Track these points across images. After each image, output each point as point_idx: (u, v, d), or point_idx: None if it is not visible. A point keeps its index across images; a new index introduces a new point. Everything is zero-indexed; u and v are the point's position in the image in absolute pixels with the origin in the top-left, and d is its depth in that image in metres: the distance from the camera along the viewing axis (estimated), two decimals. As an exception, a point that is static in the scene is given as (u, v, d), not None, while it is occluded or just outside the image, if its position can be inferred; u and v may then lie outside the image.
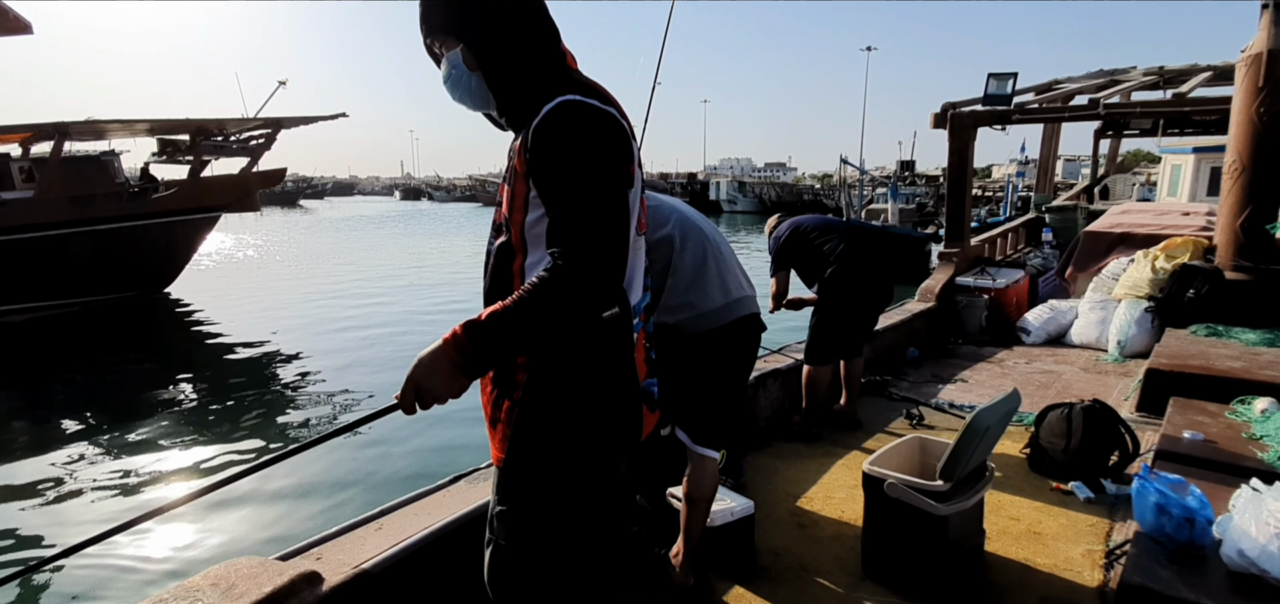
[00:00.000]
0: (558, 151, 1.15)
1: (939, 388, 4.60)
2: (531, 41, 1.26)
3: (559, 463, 1.29)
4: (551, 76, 1.25)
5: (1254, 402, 2.95)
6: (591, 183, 1.14)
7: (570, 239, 1.12)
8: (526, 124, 1.21)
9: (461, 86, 1.29)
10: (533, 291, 1.11)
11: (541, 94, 1.21)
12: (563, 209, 1.14)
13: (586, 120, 1.17)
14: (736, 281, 2.26)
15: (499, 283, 1.30)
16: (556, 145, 1.15)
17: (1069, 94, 7.37)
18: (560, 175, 1.15)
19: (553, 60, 1.28)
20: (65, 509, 5.79)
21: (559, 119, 1.16)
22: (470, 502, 2.28)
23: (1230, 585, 1.72)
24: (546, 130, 1.16)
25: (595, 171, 1.15)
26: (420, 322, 12.72)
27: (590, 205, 1.13)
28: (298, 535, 2.93)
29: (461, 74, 1.27)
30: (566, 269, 1.11)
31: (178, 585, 1.56)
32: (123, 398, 8.92)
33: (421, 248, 27.83)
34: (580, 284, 1.11)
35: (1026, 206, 16.51)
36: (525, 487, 1.31)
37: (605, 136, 1.18)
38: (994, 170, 55.66)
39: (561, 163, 1.15)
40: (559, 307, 1.11)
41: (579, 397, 1.26)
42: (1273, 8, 4.65)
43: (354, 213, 59.85)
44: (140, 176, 17.49)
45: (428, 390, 1.16)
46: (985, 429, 2.13)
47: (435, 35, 1.28)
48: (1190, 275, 5.07)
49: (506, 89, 1.27)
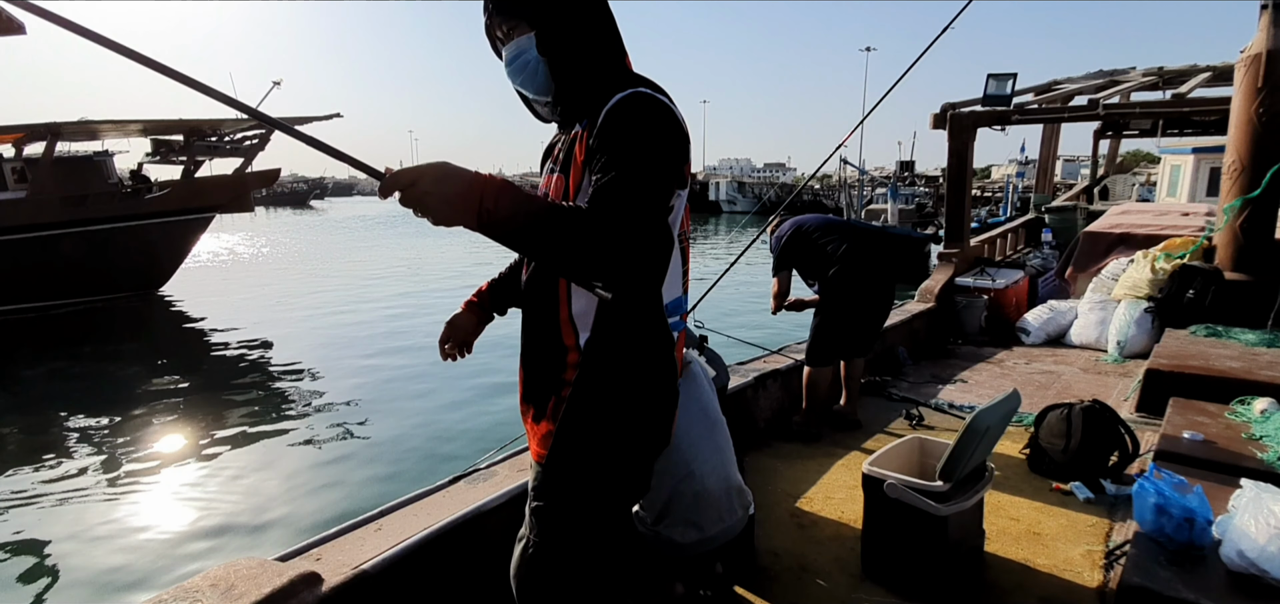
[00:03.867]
0: (624, 134, 1.16)
1: (939, 388, 4.60)
2: (601, 36, 1.28)
3: (604, 462, 1.30)
4: (617, 71, 1.28)
5: (1253, 402, 2.94)
6: (646, 170, 1.14)
7: (611, 205, 1.10)
8: (588, 115, 1.23)
9: (526, 72, 1.28)
10: (567, 217, 1.07)
11: (607, 87, 1.23)
12: (613, 181, 1.11)
13: (657, 113, 1.19)
14: None
15: (542, 276, 1.31)
16: (624, 128, 1.16)
17: (1068, 94, 7.36)
18: (620, 154, 1.14)
19: (618, 56, 1.31)
20: (62, 508, 5.78)
21: (632, 106, 1.18)
22: (470, 502, 2.28)
23: (1230, 586, 1.72)
24: (618, 115, 1.17)
25: (653, 161, 1.15)
26: (422, 322, 12.72)
27: (639, 189, 1.12)
28: (297, 537, 2.93)
29: (529, 59, 1.27)
30: (600, 221, 1.08)
31: (177, 586, 1.56)
32: (117, 398, 8.91)
33: (422, 247, 27.83)
34: (605, 244, 1.07)
35: (1026, 207, 16.52)
36: (567, 484, 1.31)
37: (671, 132, 1.20)
38: (994, 171, 55.68)
39: (624, 144, 1.15)
40: (577, 247, 1.07)
41: (627, 395, 1.28)
42: (1272, 8, 4.65)
43: (355, 213, 59.96)
44: (133, 177, 17.48)
45: (427, 192, 1.00)
46: (985, 430, 2.13)
47: (507, 18, 1.27)
48: (1190, 276, 5.07)
49: (572, 80, 1.27)
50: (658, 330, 1.31)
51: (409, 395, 8.53)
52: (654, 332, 1.30)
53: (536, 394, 1.33)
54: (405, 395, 8.54)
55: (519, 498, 2.39)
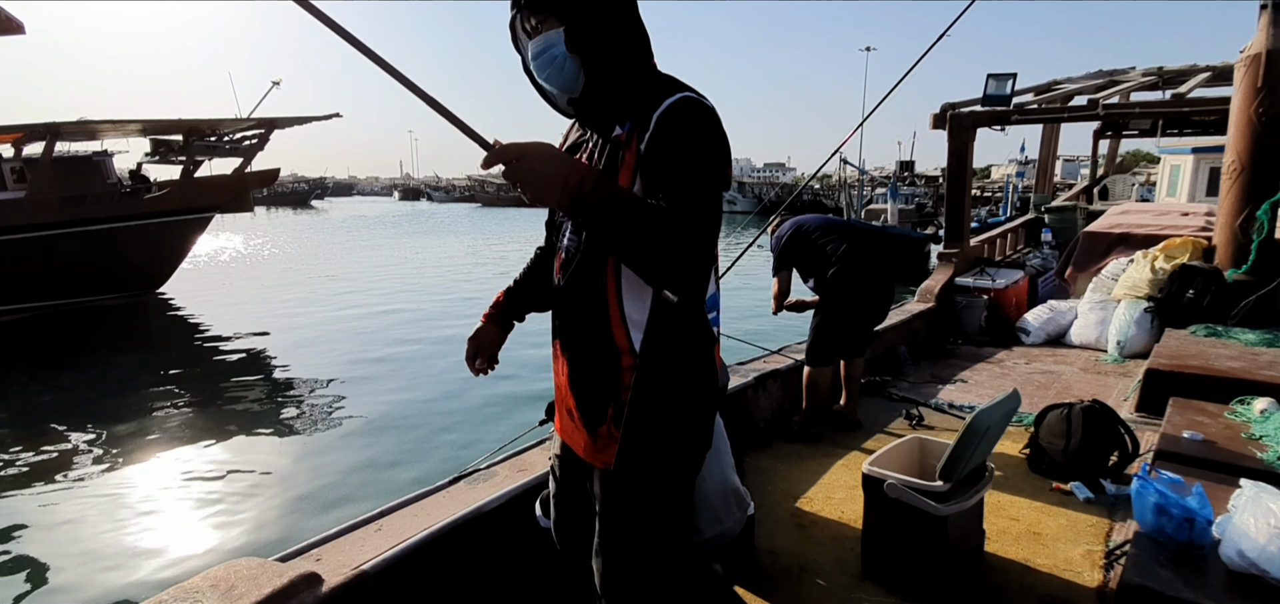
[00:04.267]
0: (685, 143, 1.18)
1: (938, 388, 4.60)
2: (632, 34, 1.29)
3: (673, 465, 1.33)
4: (650, 71, 1.30)
5: (1253, 402, 2.95)
6: (708, 180, 1.19)
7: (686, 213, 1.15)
8: (631, 117, 1.23)
9: (553, 67, 1.28)
10: (654, 213, 1.12)
11: (649, 88, 1.24)
12: (679, 196, 1.15)
13: (712, 121, 1.21)
14: None
15: (587, 277, 1.30)
16: (685, 137, 1.19)
17: (1068, 94, 7.37)
18: (683, 167, 1.17)
19: (647, 55, 1.31)
20: (61, 509, 5.78)
21: (689, 114, 1.20)
22: (470, 502, 2.28)
23: (1230, 585, 1.72)
24: (677, 123, 1.19)
25: (713, 171, 1.20)
26: (427, 321, 12.72)
27: (703, 200, 1.17)
28: (297, 536, 2.92)
29: (557, 54, 1.26)
30: (676, 226, 1.13)
31: (177, 586, 1.56)
32: (115, 397, 8.91)
33: (423, 247, 27.81)
34: (683, 247, 1.14)
35: (1026, 207, 16.51)
36: (642, 490, 1.33)
37: (722, 140, 1.23)
38: (993, 171, 55.69)
39: (688, 153, 1.18)
40: (659, 244, 1.13)
41: (686, 397, 1.31)
42: (1271, 8, 4.65)
43: (355, 213, 59.98)
44: (132, 177, 17.49)
45: (532, 168, 1.08)
46: (985, 430, 2.13)
47: (537, 12, 1.26)
48: (1189, 276, 5.07)
49: (604, 78, 1.27)
50: (704, 331, 1.33)
51: (409, 395, 8.54)
52: (702, 332, 1.32)
53: (590, 398, 1.33)
54: (405, 395, 8.54)
55: (519, 498, 2.39)
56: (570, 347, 1.35)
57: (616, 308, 1.27)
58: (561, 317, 1.38)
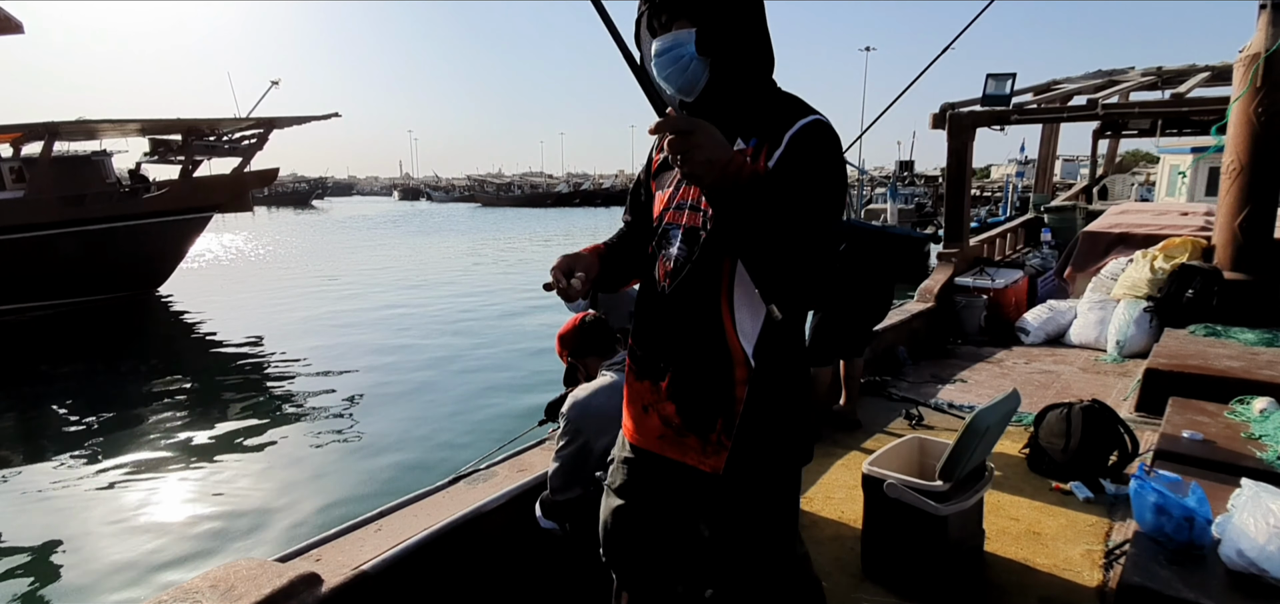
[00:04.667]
0: (818, 170, 1.20)
1: (938, 388, 4.60)
2: (763, 45, 1.29)
3: (786, 472, 1.38)
4: (769, 85, 1.30)
5: (1253, 401, 2.95)
6: (835, 208, 1.23)
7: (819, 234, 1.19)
8: (758, 133, 1.24)
9: (677, 66, 1.26)
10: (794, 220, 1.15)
11: (780, 106, 1.25)
12: (817, 214, 1.18)
13: (837, 148, 1.24)
14: None
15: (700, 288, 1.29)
16: (818, 164, 1.20)
17: (1067, 94, 7.37)
18: (820, 188, 1.20)
19: (770, 70, 1.31)
20: (60, 509, 5.78)
21: (822, 139, 1.22)
22: (469, 503, 2.28)
23: (1229, 585, 1.72)
24: (813, 147, 1.21)
25: (840, 200, 1.25)
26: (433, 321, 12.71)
27: (830, 226, 1.22)
28: (297, 537, 2.93)
29: (683, 55, 1.25)
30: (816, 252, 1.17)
31: (177, 587, 1.56)
32: (114, 397, 8.91)
33: (423, 246, 27.81)
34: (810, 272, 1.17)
35: (1026, 207, 16.52)
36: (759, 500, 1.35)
37: (845, 167, 1.27)
38: (993, 170, 55.70)
39: (819, 181, 1.20)
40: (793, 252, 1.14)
41: (796, 406, 1.35)
42: (1270, 8, 4.65)
43: (356, 213, 60.04)
44: (131, 176, 17.48)
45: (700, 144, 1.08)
46: (985, 429, 2.13)
47: (670, 10, 1.25)
48: (1189, 275, 5.08)
49: (732, 87, 1.27)
50: (802, 344, 1.39)
51: (409, 395, 8.54)
52: (801, 345, 1.38)
53: (698, 405, 1.32)
54: (406, 395, 8.54)
55: (518, 498, 2.39)
56: (676, 354, 1.35)
57: (730, 319, 1.28)
58: (666, 324, 1.37)
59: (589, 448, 2.06)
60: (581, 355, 2.33)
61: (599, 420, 2.04)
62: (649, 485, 1.46)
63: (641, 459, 1.46)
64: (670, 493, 1.44)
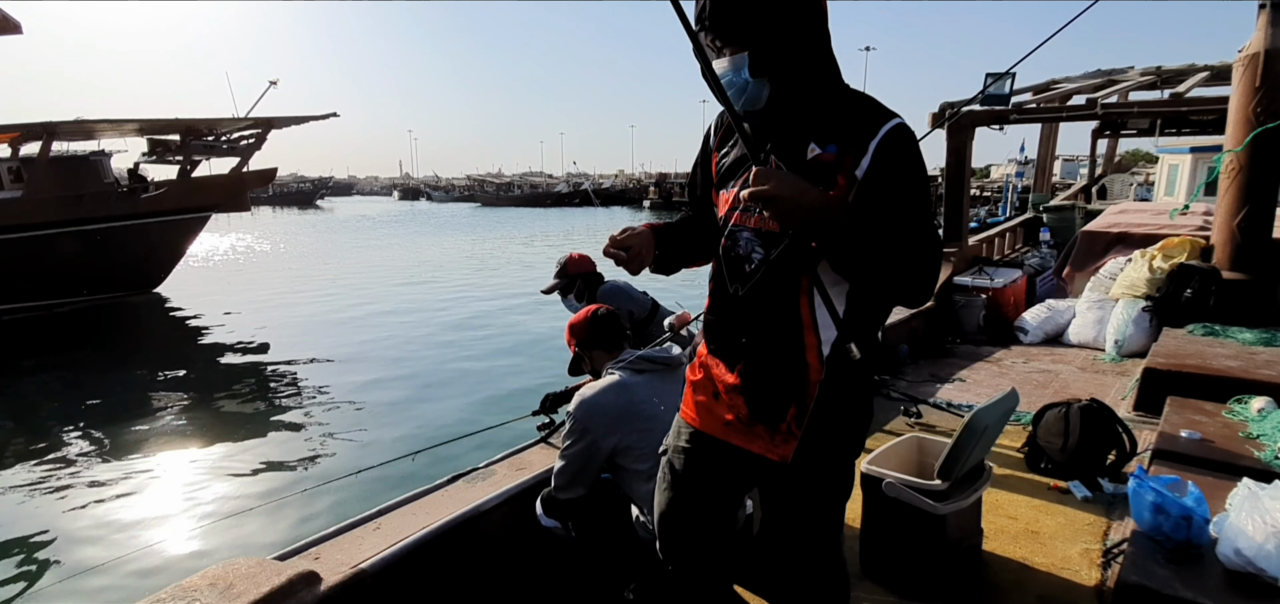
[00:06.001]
0: (912, 176, 1.23)
1: (937, 387, 4.61)
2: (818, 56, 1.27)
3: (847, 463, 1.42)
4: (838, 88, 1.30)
5: (1251, 401, 2.95)
6: (930, 210, 1.28)
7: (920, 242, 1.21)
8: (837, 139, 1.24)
9: (736, 88, 1.27)
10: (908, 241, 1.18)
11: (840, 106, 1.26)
12: (914, 221, 1.21)
13: (919, 149, 1.27)
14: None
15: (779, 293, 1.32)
16: (911, 170, 1.23)
17: (1067, 94, 7.37)
18: (912, 198, 1.22)
19: (835, 73, 1.31)
20: (59, 508, 5.78)
21: (909, 144, 1.24)
22: (468, 501, 2.28)
23: (1227, 584, 1.72)
24: (900, 153, 1.22)
25: (930, 201, 1.28)
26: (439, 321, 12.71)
27: (932, 229, 1.24)
28: (296, 536, 2.92)
29: (737, 80, 1.26)
30: (931, 253, 1.21)
31: (175, 585, 1.56)
32: (113, 397, 8.90)
33: (424, 245, 27.80)
34: (929, 273, 1.22)
35: (1025, 206, 16.53)
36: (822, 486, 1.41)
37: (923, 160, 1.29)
38: (992, 170, 55.71)
39: (914, 187, 1.23)
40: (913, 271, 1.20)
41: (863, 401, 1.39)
42: (1270, 8, 4.65)
43: (358, 212, 60.12)
44: (130, 176, 17.48)
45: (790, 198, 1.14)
46: (983, 428, 2.13)
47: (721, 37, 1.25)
48: (1187, 275, 5.08)
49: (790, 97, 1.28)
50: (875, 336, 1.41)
51: (409, 394, 8.53)
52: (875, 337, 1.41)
53: (771, 401, 1.36)
54: (405, 394, 8.54)
55: (517, 497, 2.39)
56: (751, 353, 1.37)
57: (811, 326, 1.31)
58: (740, 323, 1.38)
59: (597, 447, 2.04)
60: (589, 347, 2.34)
61: (607, 420, 2.03)
62: (712, 472, 1.48)
63: (703, 445, 1.47)
64: (734, 479, 1.48)
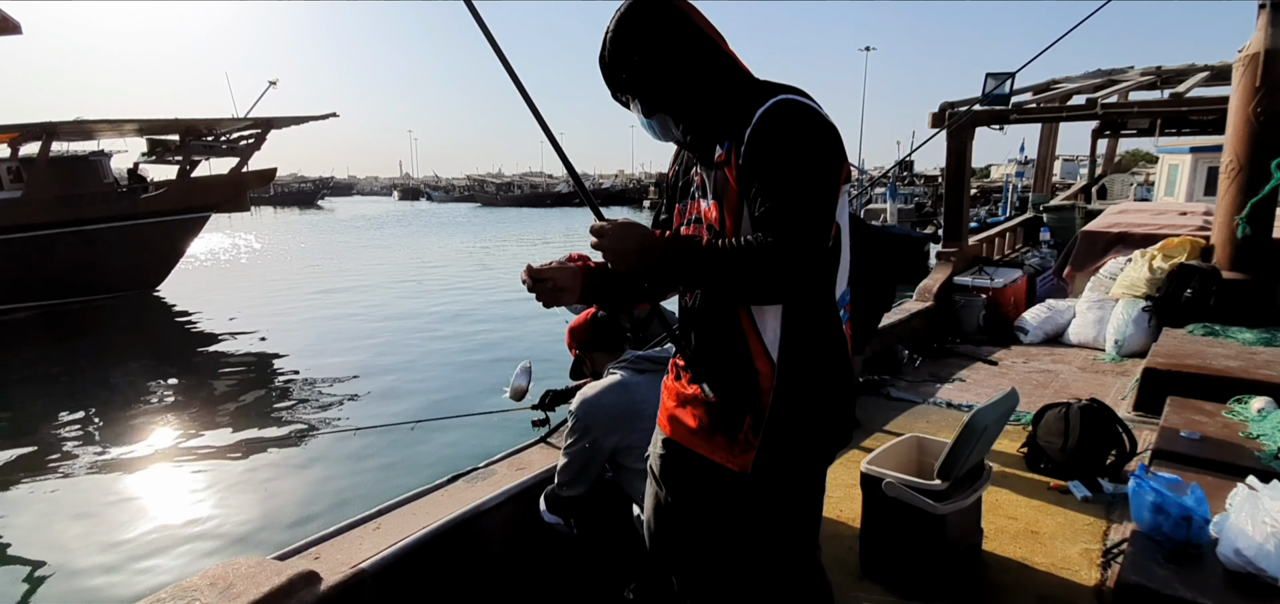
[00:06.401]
0: (778, 150, 1.16)
1: (937, 387, 4.61)
2: (702, 72, 1.27)
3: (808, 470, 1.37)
4: (741, 84, 1.27)
5: (1250, 400, 2.95)
6: (807, 178, 1.16)
7: (782, 229, 1.13)
8: (730, 135, 1.23)
9: (650, 131, 1.35)
10: (742, 255, 1.15)
11: (741, 104, 1.22)
12: (777, 200, 1.15)
13: (804, 116, 1.18)
14: None
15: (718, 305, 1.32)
16: (777, 143, 1.16)
17: (1066, 94, 7.37)
18: (778, 173, 1.16)
19: (733, 73, 1.29)
20: (59, 508, 5.78)
21: (778, 116, 1.17)
22: (468, 501, 2.28)
23: (1227, 584, 1.72)
24: (767, 130, 1.17)
25: (811, 167, 1.17)
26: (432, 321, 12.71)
27: (803, 200, 1.15)
28: (296, 535, 2.92)
29: (645, 122, 1.34)
30: (776, 251, 1.13)
31: (175, 585, 1.56)
32: (113, 397, 8.90)
33: (424, 245, 27.80)
34: (784, 273, 1.15)
35: (1025, 206, 16.54)
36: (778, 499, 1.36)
37: (822, 133, 1.19)
38: (993, 170, 55.71)
39: (781, 161, 1.16)
40: (758, 284, 1.17)
41: (822, 404, 1.32)
42: (1270, 8, 4.65)
43: (358, 213, 60.20)
44: (130, 176, 17.49)
45: (618, 244, 1.22)
46: (983, 428, 2.13)
47: (616, 93, 1.34)
48: (1187, 275, 5.08)
49: (695, 118, 1.30)
50: (836, 334, 1.33)
51: (409, 394, 8.53)
52: (834, 335, 1.33)
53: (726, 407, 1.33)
54: (405, 394, 8.53)
55: (517, 496, 2.39)
56: (704, 364, 1.36)
57: (750, 325, 1.28)
58: (694, 331, 1.39)
59: (598, 445, 2.05)
60: (589, 349, 2.34)
61: (608, 419, 2.04)
62: (681, 478, 1.48)
63: (674, 453, 1.48)
64: (701, 487, 1.46)
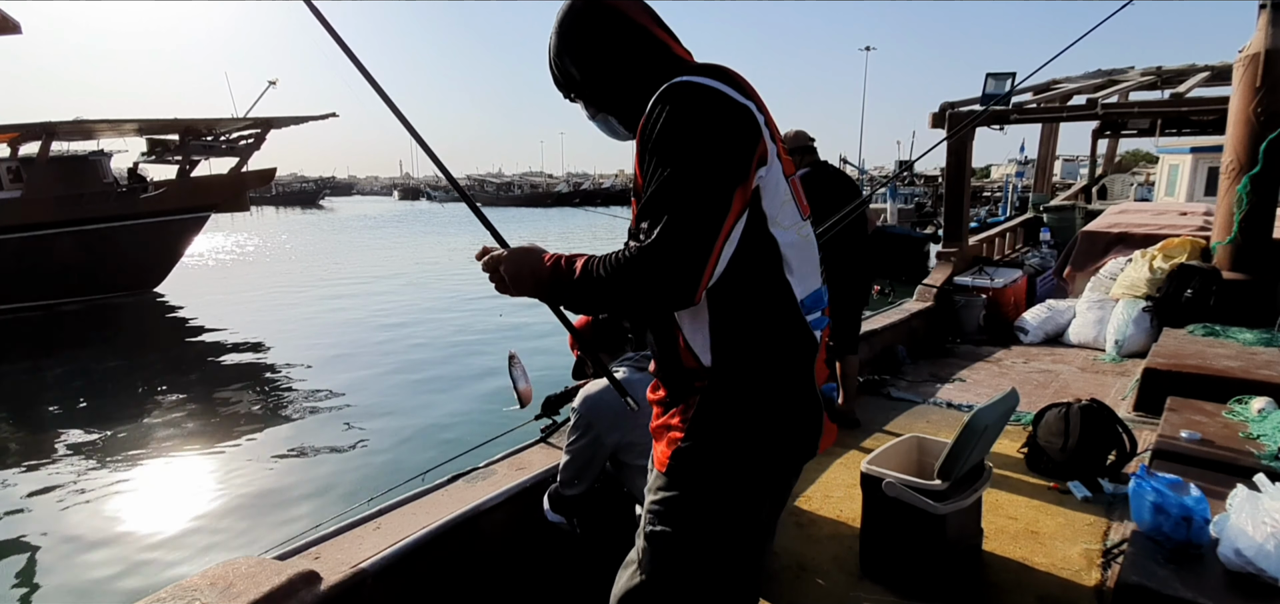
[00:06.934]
0: (656, 132, 1.10)
1: (937, 387, 4.61)
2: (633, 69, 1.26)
3: (726, 481, 1.23)
4: (653, 75, 1.20)
5: (1251, 401, 2.95)
6: (685, 166, 1.06)
7: (651, 226, 1.08)
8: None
9: (601, 131, 1.38)
10: (607, 272, 1.13)
11: (646, 95, 1.16)
12: (653, 191, 1.08)
13: (689, 99, 1.09)
14: None
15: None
16: (653, 132, 1.11)
17: (1067, 94, 7.37)
18: (653, 163, 1.10)
19: (649, 63, 1.24)
20: (59, 508, 5.78)
21: (661, 101, 1.11)
22: (468, 501, 2.28)
23: (1227, 584, 1.72)
24: (648, 119, 1.13)
25: (687, 159, 1.07)
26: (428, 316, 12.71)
27: (679, 192, 1.06)
28: (296, 535, 2.92)
29: (593, 122, 1.36)
30: (638, 262, 1.08)
31: (175, 585, 1.56)
32: (113, 396, 8.90)
33: (424, 245, 27.80)
34: (648, 282, 1.08)
35: (1025, 206, 16.55)
36: (688, 503, 1.25)
37: (707, 119, 1.09)
38: (993, 170, 55.70)
39: (656, 149, 1.10)
40: (623, 296, 1.14)
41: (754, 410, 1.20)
42: (1270, 8, 4.65)
43: (359, 212, 60.25)
44: (130, 176, 17.50)
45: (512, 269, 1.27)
46: (983, 428, 2.13)
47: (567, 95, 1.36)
48: (1187, 275, 5.08)
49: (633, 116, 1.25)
50: (786, 334, 1.21)
51: (409, 394, 8.53)
52: (782, 336, 1.21)
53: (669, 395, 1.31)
54: (405, 394, 8.54)
55: (517, 496, 2.39)
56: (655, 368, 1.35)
57: (680, 332, 1.23)
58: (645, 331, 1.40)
59: (600, 442, 2.06)
60: (590, 350, 2.34)
61: (610, 416, 2.04)
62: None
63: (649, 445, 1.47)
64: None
